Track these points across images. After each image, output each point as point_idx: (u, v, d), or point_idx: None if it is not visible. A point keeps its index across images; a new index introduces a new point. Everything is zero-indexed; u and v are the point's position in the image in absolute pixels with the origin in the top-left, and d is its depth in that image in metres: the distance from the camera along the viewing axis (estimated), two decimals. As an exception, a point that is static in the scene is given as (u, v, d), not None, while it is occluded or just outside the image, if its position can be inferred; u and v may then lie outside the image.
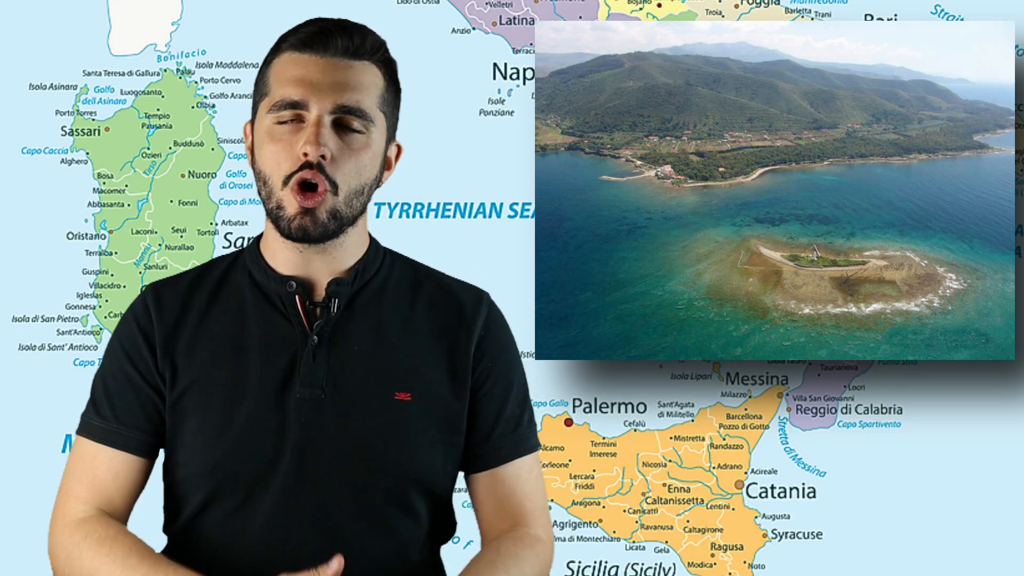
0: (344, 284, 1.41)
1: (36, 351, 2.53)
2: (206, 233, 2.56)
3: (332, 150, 1.33)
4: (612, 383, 2.54)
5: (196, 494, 1.38)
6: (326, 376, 1.37)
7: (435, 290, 1.48)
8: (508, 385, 1.48)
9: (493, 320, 1.49)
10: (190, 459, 1.38)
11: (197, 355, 1.40)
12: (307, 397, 1.37)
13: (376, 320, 1.42)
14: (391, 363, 1.40)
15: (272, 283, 1.42)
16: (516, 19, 2.56)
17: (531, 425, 1.51)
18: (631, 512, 2.54)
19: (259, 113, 1.40)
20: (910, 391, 2.53)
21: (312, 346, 1.38)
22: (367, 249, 1.46)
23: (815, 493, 2.53)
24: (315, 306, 1.41)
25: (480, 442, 1.46)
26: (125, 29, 2.55)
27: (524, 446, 1.48)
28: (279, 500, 1.35)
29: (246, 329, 1.40)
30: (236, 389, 1.37)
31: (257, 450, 1.35)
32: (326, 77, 1.35)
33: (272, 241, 1.43)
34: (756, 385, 2.54)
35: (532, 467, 1.49)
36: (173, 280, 1.48)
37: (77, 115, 2.54)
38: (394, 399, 1.38)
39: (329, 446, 1.36)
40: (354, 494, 1.36)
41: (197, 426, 1.38)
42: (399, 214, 2.54)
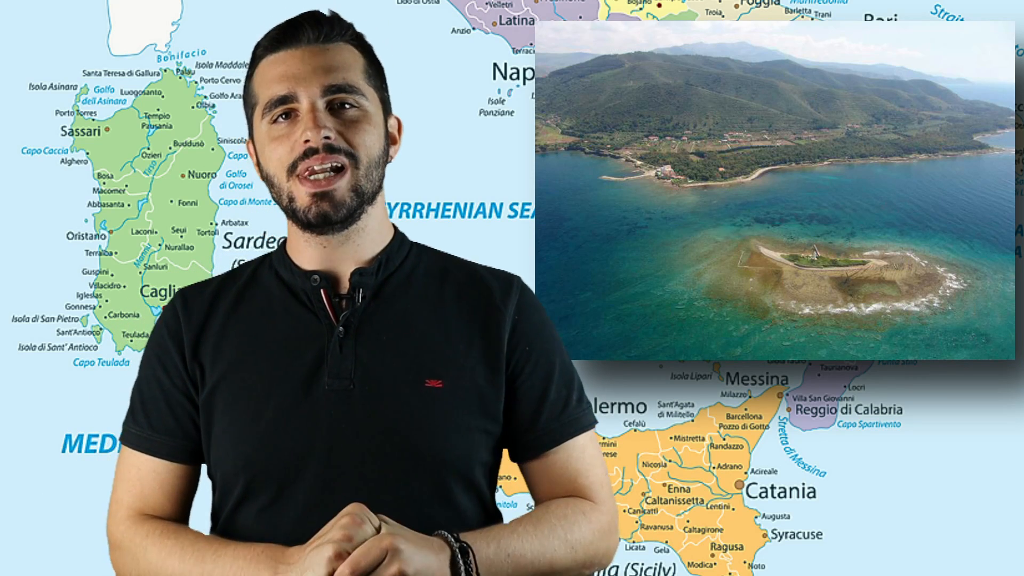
0: (368, 274, 1.40)
1: (36, 351, 2.53)
2: (206, 233, 2.56)
3: (334, 129, 1.34)
4: (612, 383, 2.54)
5: (232, 491, 1.38)
6: (354, 367, 1.36)
7: (464, 277, 1.46)
8: (550, 367, 1.44)
9: (527, 303, 1.46)
10: (223, 457, 1.38)
11: (224, 354, 1.40)
12: (336, 388, 1.35)
13: (403, 309, 1.41)
14: (420, 350, 1.38)
15: (298, 280, 1.41)
16: (516, 19, 2.56)
17: (581, 403, 1.47)
18: (631, 512, 2.54)
19: (255, 124, 1.41)
20: (910, 391, 2.53)
21: (339, 337, 1.37)
22: (391, 239, 1.45)
23: (815, 493, 2.53)
24: (341, 298, 1.40)
25: (527, 428, 1.42)
26: (125, 29, 2.55)
27: (576, 426, 1.45)
28: (312, 494, 1.33)
29: (273, 326, 1.40)
30: (264, 385, 1.36)
31: (287, 444, 1.34)
32: (306, 65, 1.36)
33: (295, 240, 1.43)
34: (756, 385, 2.54)
35: (586, 446, 1.45)
36: (201, 285, 1.48)
37: (77, 115, 2.54)
38: (425, 386, 1.36)
39: (361, 437, 1.34)
40: (390, 486, 1.33)
41: (227, 423, 1.37)
42: (399, 214, 2.54)
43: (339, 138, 1.34)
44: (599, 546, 1.41)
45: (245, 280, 1.46)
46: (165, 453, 1.42)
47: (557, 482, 1.44)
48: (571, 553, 1.37)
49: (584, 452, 1.45)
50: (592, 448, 1.46)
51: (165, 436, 1.42)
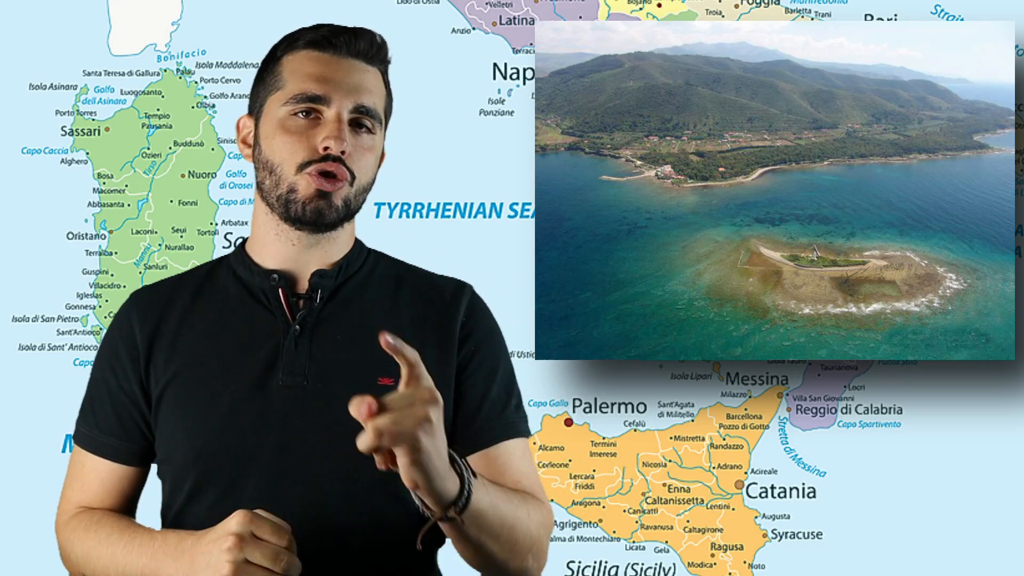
0: (328, 276, 1.44)
1: (36, 351, 2.53)
2: (206, 233, 2.56)
3: (349, 146, 1.39)
4: (612, 383, 2.54)
5: (183, 486, 1.39)
6: (308, 364, 1.39)
7: (418, 284, 1.51)
8: (493, 368, 1.48)
9: (475, 306, 1.51)
10: (174, 452, 1.40)
11: (179, 352, 1.42)
12: (289, 384, 1.38)
13: (359, 310, 1.44)
14: (373, 350, 1.36)
15: (256, 278, 1.45)
16: (516, 19, 2.56)
17: (519, 412, 1.51)
18: (631, 512, 2.54)
19: (268, 106, 1.42)
20: (910, 391, 2.53)
21: (294, 335, 1.40)
22: (352, 247, 1.50)
23: (815, 493, 2.53)
24: (298, 298, 1.44)
25: (468, 423, 1.46)
26: (125, 29, 2.55)
27: (512, 430, 1.48)
28: (264, 488, 1.35)
29: (228, 324, 1.43)
30: (219, 381, 1.39)
31: (239, 438, 1.36)
32: (347, 77, 1.41)
33: (263, 235, 1.45)
34: (756, 385, 2.54)
35: (524, 453, 1.49)
36: (155, 286, 1.52)
37: (77, 115, 2.54)
38: (377, 384, 1.38)
39: (313, 434, 1.36)
40: (340, 481, 1.36)
41: (180, 417, 1.39)
42: (399, 214, 2.54)
43: (349, 158, 1.39)
44: (544, 536, 1.45)
45: (200, 280, 1.49)
46: (109, 454, 1.46)
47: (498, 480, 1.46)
48: (528, 525, 1.38)
49: (523, 458, 1.49)
50: (529, 457, 1.51)
51: (111, 437, 1.45)
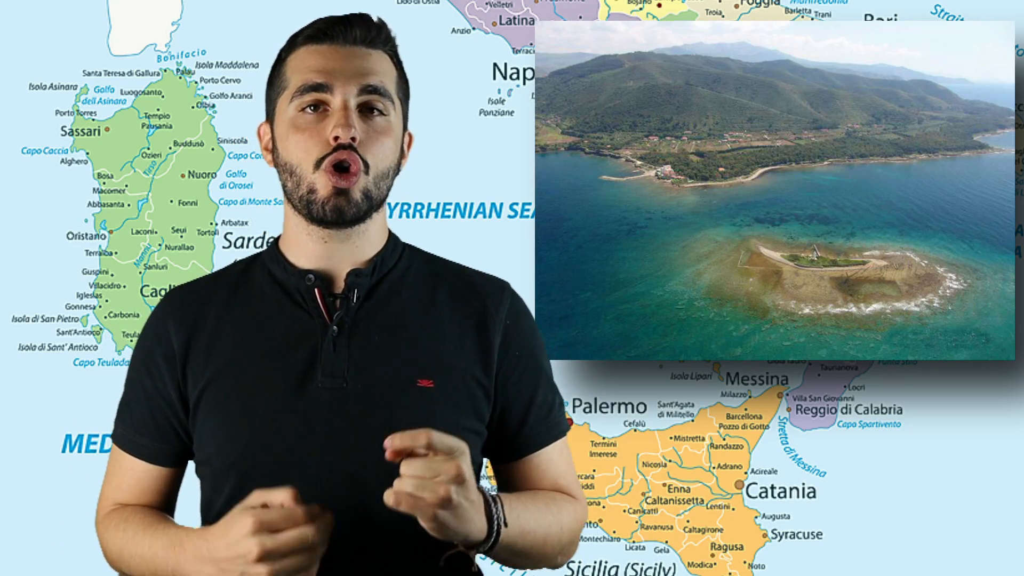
0: (363, 275, 1.41)
1: (36, 351, 2.53)
2: (206, 233, 2.56)
3: (360, 133, 1.36)
4: (612, 383, 2.54)
5: (223, 488, 1.38)
6: (348, 366, 1.37)
7: (456, 281, 1.48)
8: (537, 372, 1.48)
9: (516, 308, 1.49)
10: (214, 455, 1.39)
11: (216, 353, 1.40)
12: (329, 387, 1.36)
13: (396, 310, 1.42)
14: (413, 351, 1.39)
15: (291, 278, 1.42)
16: (516, 19, 2.56)
17: (561, 411, 1.52)
18: (631, 512, 2.54)
19: (279, 108, 1.41)
20: (910, 391, 2.53)
21: (332, 336, 1.38)
22: (386, 242, 1.47)
23: (815, 493, 2.53)
24: (335, 298, 1.41)
25: (515, 431, 1.45)
26: (125, 29, 2.55)
27: (557, 430, 1.50)
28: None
29: (265, 325, 1.41)
30: (257, 383, 1.37)
31: (279, 441, 1.35)
32: (348, 64, 1.38)
33: (294, 235, 1.43)
34: (756, 385, 2.54)
35: (563, 450, 1.51)
36: (190, 285, 1.49)
37: (77, 115, 2.54)
38: (416, 386, 1.37)
39: (354, 435, 1.35)
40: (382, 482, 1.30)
41: (219, 420, 1.38)
42: (399, 214, 2.54)
43: (361, 145, 1.36)
44: (576, 535, 1.47)
45: (235, 279, 1.47)
46: (144, 455, 1.45)
47: (538, 484, 1.48)
48: (559, 533, 1.41)
49: (562, 455, 1.50)
50: (567, 451, 1.52)
51: (146, 438, 1.44)
